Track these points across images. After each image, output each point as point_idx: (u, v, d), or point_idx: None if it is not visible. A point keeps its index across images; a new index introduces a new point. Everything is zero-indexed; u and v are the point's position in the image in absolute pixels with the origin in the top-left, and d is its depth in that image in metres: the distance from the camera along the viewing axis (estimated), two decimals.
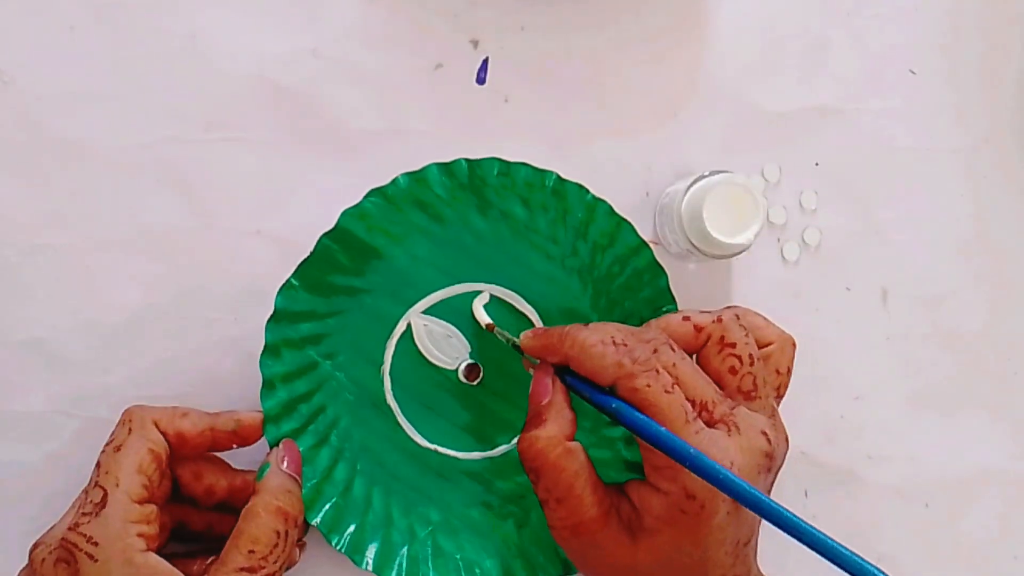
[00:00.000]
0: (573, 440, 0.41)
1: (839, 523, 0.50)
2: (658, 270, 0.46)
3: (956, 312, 0.51)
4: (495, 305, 0.47)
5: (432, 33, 0.49)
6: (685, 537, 0.39)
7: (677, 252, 0.48)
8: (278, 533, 0.40)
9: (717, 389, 0.41)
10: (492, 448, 0.48)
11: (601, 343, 0.40)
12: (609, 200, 0.46)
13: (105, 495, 0.39)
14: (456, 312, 0.47)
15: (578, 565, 0.43)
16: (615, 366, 0.40)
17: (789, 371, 0.44)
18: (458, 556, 0.46)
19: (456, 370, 0.47)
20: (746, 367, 0.42)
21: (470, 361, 0.47)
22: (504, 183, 0.46)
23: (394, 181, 0.45)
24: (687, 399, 0.40)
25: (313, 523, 0.44)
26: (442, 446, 0.47)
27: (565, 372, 0.42)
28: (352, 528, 0.45)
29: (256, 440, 0.43)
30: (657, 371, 0.39)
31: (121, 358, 0.47)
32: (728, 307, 0.44)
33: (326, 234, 0.44)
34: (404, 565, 0.45)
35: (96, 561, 0.38)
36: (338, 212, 0.44)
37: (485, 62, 0.50)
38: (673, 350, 0.41)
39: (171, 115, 0.48)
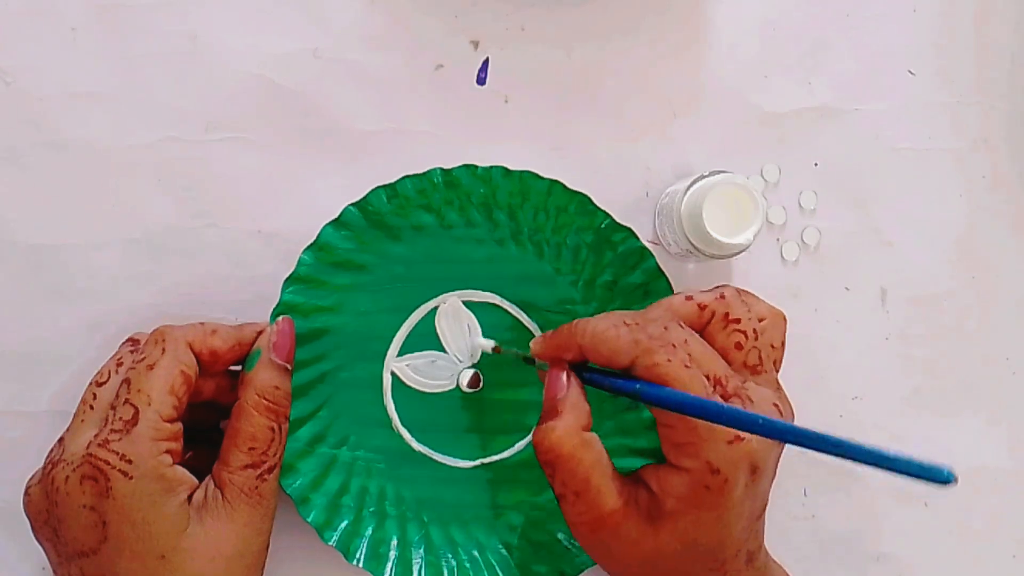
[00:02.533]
0: (589, 431, 0.41)
1: (838, 523, 0.50)
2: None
3: (955, 312, 0.51)
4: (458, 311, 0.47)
5: (432, 34, 0.49)
6: (708, 515, 0.39)
7: (677, 252, 0.48)
8: (271, 428, 0.41)
9: (726, 365, 0.41)
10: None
11: (613, 326, 0.40)
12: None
13: (136, 413, 0.39)
14: (428, 337, 0.47)
15: (600, 560, 0.43)
16: (631, 344, 0.40)
17: (783, 345, 0.44)
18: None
19: (457, 387, 0.47)
20: (751, 342, 0.42)
21: (469, 371, 0.47)
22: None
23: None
24: (703, 373, 0.40)
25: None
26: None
27: (580, 368, 0.42)
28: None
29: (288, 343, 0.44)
30: (674, 346, 0.39)
31: None
32: (722, 285, 0.44)
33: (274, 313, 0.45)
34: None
35: (130, 479, 0.38)
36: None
37: (485, 63, 0.50)
38: (682, 327, 0.41)
39: (171, 115, 0.48)
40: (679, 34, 0.51)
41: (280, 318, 0.43)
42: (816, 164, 0.51)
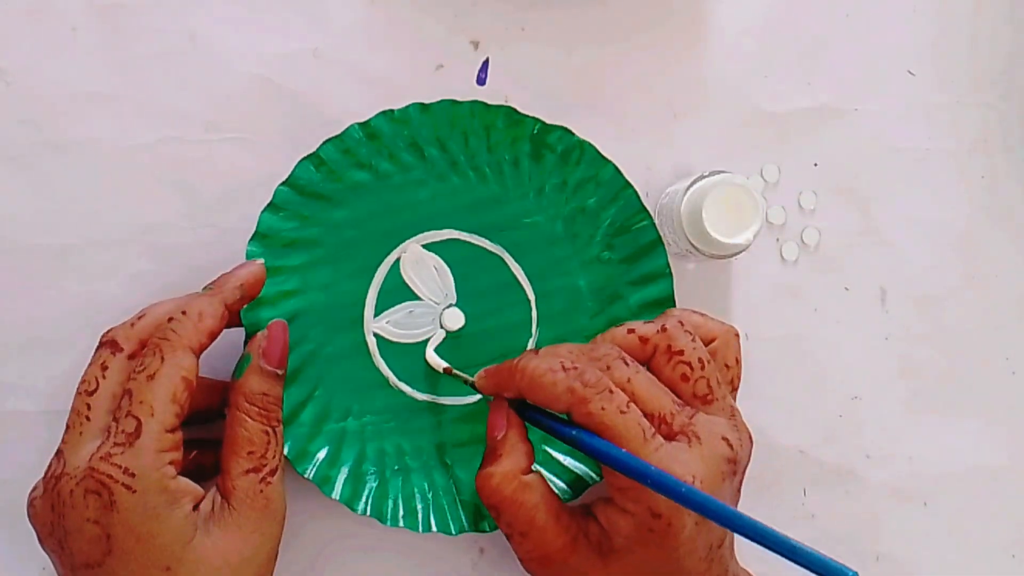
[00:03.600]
0: (530, 472, 0.42)
1: (838, 522, 0.50)
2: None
3: (954, 312, 0.51)
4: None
5: (433, 34, 0.49)
6: (655, 553, 0.40)
7: (677, 252, 0.48)
8: (266, 432, 0.41)
9: (674, 398, 0.42)
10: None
11: (550, 371, 0.40)
12: None
13: (140, 425, 0.39)
14: (399, 290, 0.47)
15: None
16: (567, 392, 0.40)
17: (738, 362, 0.45)
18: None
19: (442, 328, 0.47)
20: (697, 372, 0.42)
21: (448, 311, 0.47)
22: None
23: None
24: (646, 413, 0.40)
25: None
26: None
27: (525, 406, 0.43)
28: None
29: (260, 290, 0.44)
30: (611, 391, 0.40)
31: None
32: (667, 312, 0.45)
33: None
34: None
35: (134, 492, 0.38)
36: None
37: (485, 63, 0.50)
38: (627, 364, 0.41)
39: (171, 115, 0.48)
40: (679, 34, 0.51)
41: (272, 322, 0.43)
42: (816, 164, 0.51)
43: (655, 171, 0.50)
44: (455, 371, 0.46)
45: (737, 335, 0.45)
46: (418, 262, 0.47)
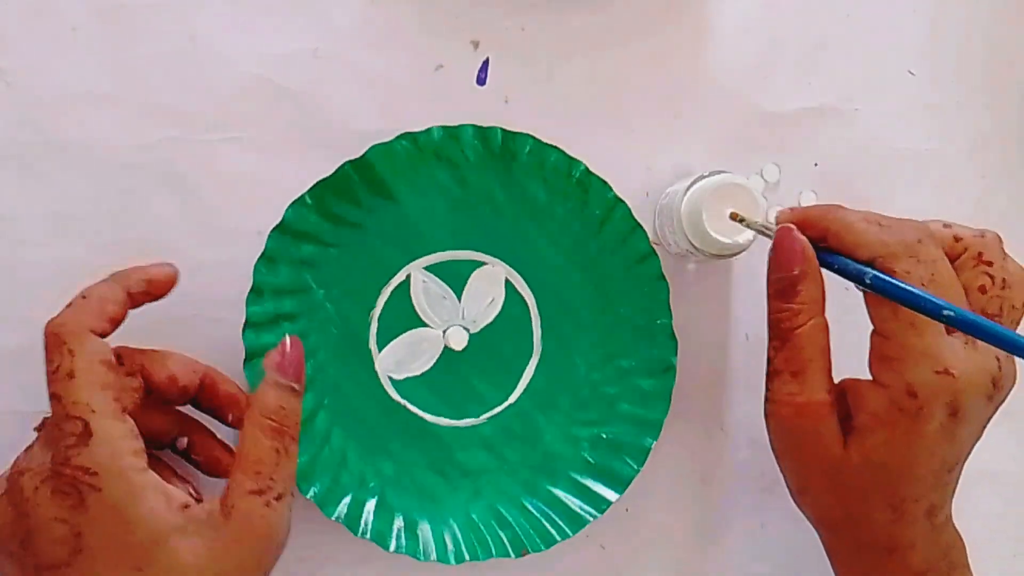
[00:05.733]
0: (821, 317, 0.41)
1: None
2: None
3: None
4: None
5: (433, 34, 0.49)
6: (897, 439, 0.39)
7: (677, 252, 0.48)
8: (277, 451, 0.39)
9: (966, 303, 0.40)
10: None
11: (864, 220, 0.40)
12: None
13: (86, 424, 0.37)
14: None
15: (784, 455, 0.43)
16: (879, 243, 0.40)
17: None
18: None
19: (443, 332, 0.47)
20: (997, 289, 0.41)
21: (460, 327, 0.47)
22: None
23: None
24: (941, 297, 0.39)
25: None
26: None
27: (818, 250, 0.42)
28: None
29: (167, 292, 0.42)
30: (919, 260, 0.39)
31: None
32: (986, 229, 0.43)
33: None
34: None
35: (99, 490, 0.37)
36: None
37: (486, 63, 0.50)
38: (937, 249, 0.40)
39: (171, 115, 0.48)
40: (679, 34, 0.51)
41: (286, 336, 0.41)
42: (816, 164, 0.51)
43: (655, 171, 0.50)
44: (740, 215, 0.44)
45: None
46: (420, 285, 0.47)
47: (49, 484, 0.37)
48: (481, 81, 0.50)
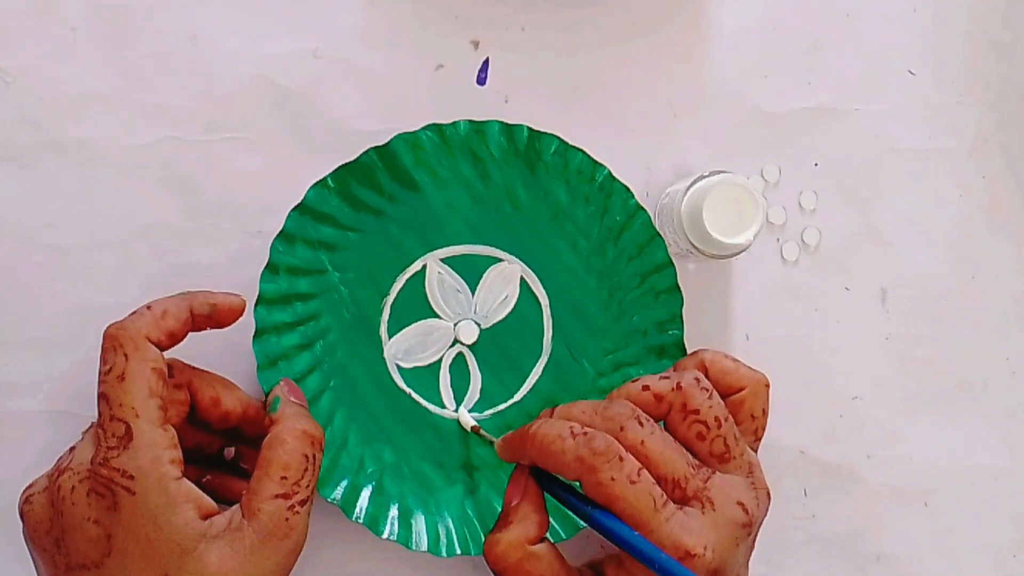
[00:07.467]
0: (540, 542, 0.41)
1: (838, 522, 0.50)
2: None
3: (955, 312, 0.51)
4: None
5: (433, 34, 0.49)
6: None
7: (677, 252, 0.48)
8: (306, 456, 0.40)
9: (690, 459, 0.41)
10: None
11: (559, 438, 0.40)
12: None
13: (128, 428, 0.38)
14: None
15: None
16: (576, 462, 0.39)
17: (765, 413, 0.44)
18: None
19: (454, 325, 0.47)
20: (714, 431, 0.41)
21: (471, 321, 0.47)
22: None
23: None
24: (659, 476, 0.40)
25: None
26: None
27: (544, 473, 0.42)
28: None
29: (232, 322, 0.43)
30: (620, 459, 0.39)
31: None
32: (694, 353, 0.45)
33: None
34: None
35: (134, 494, 0.37)
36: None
37: (486, 63, 0.50)
38: (641, 424, 0.40)
39: (171, 115, 0.48)
40: (679, 34, 0.51)
41: (282, 380, 0.44)
42: (816, 164, 0.51)
43: (655, 171, 0.50)
44: (482, 432, 0.46)
45: (767, 385, 0.44)
46: (435, 276, 0.47)
47: (86, 484, 0.38)
48: (481, 81, 0.50)
